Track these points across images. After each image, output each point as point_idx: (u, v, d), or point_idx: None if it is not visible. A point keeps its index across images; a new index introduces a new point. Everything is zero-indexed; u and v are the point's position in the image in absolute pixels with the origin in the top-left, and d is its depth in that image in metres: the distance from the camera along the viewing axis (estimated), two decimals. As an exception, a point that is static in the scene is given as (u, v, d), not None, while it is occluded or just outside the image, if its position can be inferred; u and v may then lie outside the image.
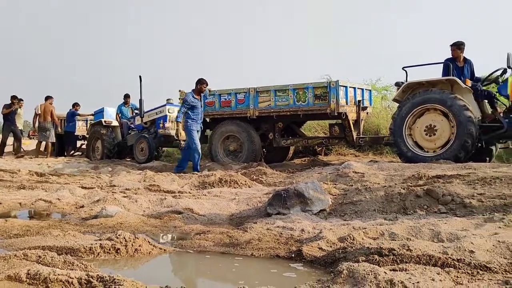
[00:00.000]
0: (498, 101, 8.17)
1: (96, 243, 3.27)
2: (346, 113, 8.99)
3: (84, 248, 3.21)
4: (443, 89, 7.84)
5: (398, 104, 8.47)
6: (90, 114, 14.93)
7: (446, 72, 8.07)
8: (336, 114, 8.97)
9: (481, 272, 2.39)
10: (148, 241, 3.44)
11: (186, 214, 4.76)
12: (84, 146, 15.31)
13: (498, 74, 8.08)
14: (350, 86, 9.41)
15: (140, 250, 3.31)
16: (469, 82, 7.91)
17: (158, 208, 5.21)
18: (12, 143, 14.71)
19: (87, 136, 14.39)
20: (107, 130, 13.20)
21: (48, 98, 14.43)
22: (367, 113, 10.00)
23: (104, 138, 13.06)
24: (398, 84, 8.63)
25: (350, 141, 9.35)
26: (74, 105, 15.69)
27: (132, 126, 13.43)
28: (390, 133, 8.43)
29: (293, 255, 3.18)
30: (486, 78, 8.28)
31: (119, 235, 3.37)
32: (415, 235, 3.33)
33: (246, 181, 6.80)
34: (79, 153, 15.96)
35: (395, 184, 5.09)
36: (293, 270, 2.94)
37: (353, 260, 2.71)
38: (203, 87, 9.13)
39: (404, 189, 4.65)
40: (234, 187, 6.53)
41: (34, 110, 14.38)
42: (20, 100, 14.33)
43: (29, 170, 9.33)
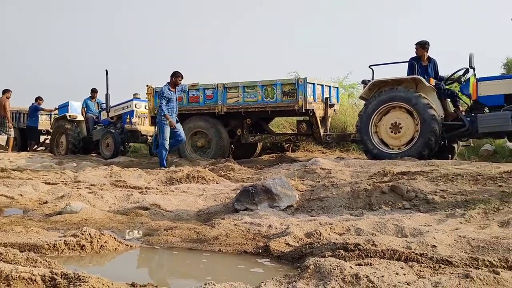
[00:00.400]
0: (460, 100, 8.39)
1: (60, 240, 3.21)
2: (313, 110, 9.06)
3: (47, 244, 3.14)
4: (408, 87, 8.00)
5: (364, 101, 8.60)
6: (55, 108, 14.56)
7: (411, 71, 8.23)
8: (303, 111, 9.03)
9: (442, 266, 2.46)
10: (114, 237, 3.40)
11: (153, 210, 4.72)
12: (47, 141, 14.93)
13: (460, 73, 8.29)
14: (317, 84, 9.49)
15: (106, 246, 3.26)
16: (432, 81, 8.09)
17: (124, 204, 5.15)
18: None
19: (51, 130, 14.04)
20: (72, 124, 12.92)
21: (5, 91, 13.95)
22: (334, 110, 10.10)
23: (69, 132, 12.78)
24: (364, 82, 8.75)
25: (318, 138, 9.43)
26: (37, 99, 15.26)
27: (98, 120, 13.19)
28: (356, 130, 8.55)
29: (260, 251, 3.20)
30: (449, 78, 8.48)
31: (84, 232, 3.31)
32: (380, 231, 3.40)
33: (213, 177, 6.78)
34: (43, 148, 15.57)
35: (361, 180, 5.17)
36: (260, 266, 2.96)
37: (319, 255, 2.75)
38: (178, 80, 9.10)
39: (370, 185, 4.73)
40: (202, 183, 6.50)
41: None
42: None
43: (-11, 165, 9.06)
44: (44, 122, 15.18)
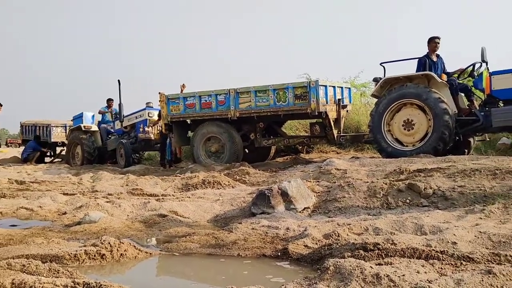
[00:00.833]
0: (474, 94, 8.31)
1: (80, 250, 3.24)
2: (326, 112, 9.02)
3: (68, 255, 3.17)
4: (420, 84, 7.95)
5: (376, 99, 8.55)
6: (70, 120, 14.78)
7: (423, 67, 8.17)
8: (316, 113, 9.00)
9: (464, 262, 2.44)
10: (133, 245, 3.42)
11: (171, 217, 4.74)
12: (63, 153, 15.11)
13: (474, 68, 8.21)
14: (329, 85, 9.45)
15: (125, 255, 3.29)
16: (444, 77, 8.03)
17: (142, 212, 5.18)
18: None
19: (66, 142, 14.20)
20: (87, 135, 13.07)
21: None
22: (347, 111, 10.06)
23: (83, 142, 12.92)
24: (376, 79, 8.71)
25: (331, 139, 9.39)
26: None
27: (112, 130, 13.31)
28: (369, 130, 8.51)
29: (279, 254, 3.20)
30: (462, 72, 8.40)
31: (104, 241, 3.34)
32: (399, 229, 3.38)
33: (229, 181, 6.79)
34: (59, 159, 15.76)
35: (377, 179, 5.15)
36: (280, 269, 2.96)
37: (339, 256, 2.74)
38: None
39: (386, 184, 4.70)
40: (218, 188, 6.52)
41: None
42: None
43: (8, 179, 9.18)
44: (59, 134, 15.37)
